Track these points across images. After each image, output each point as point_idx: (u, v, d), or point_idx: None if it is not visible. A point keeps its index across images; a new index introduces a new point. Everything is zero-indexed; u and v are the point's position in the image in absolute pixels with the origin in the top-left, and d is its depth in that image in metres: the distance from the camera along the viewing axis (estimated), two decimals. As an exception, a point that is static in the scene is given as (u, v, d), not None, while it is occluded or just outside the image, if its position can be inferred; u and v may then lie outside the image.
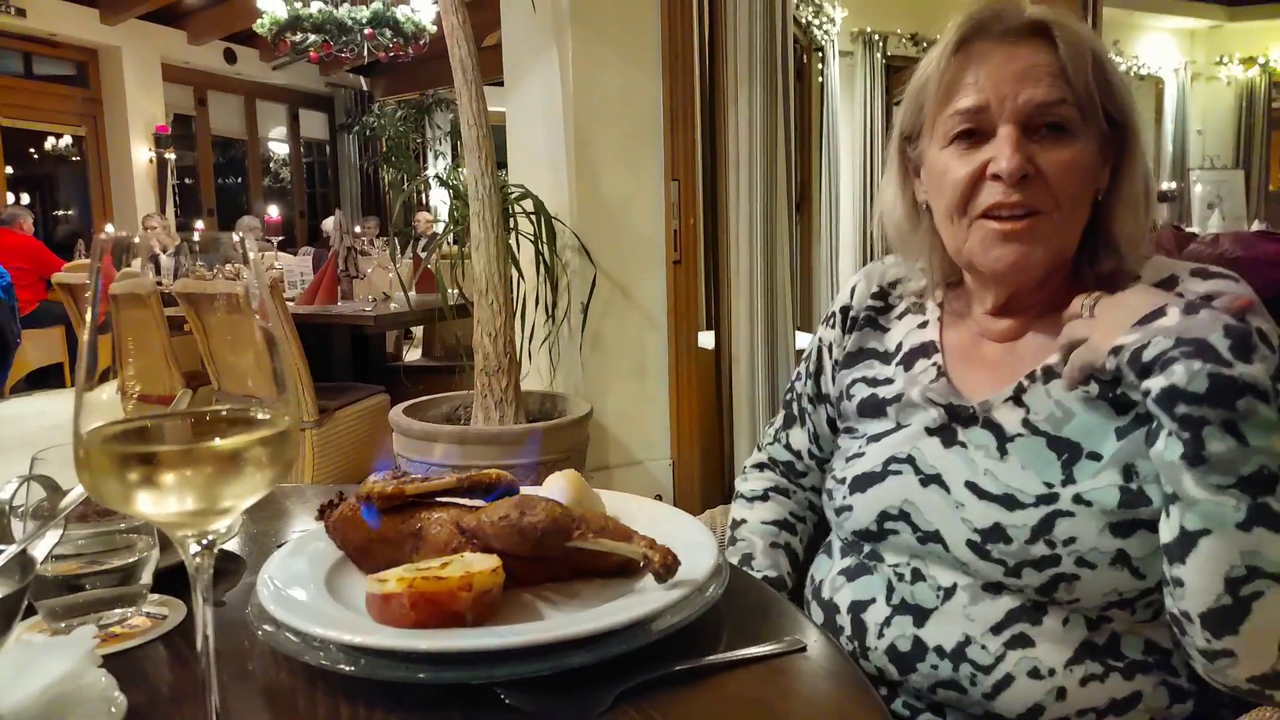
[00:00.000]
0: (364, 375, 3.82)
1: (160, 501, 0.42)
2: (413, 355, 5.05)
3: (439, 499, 0.75)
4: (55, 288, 3.59)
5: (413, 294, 3.94)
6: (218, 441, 0.43)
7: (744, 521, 1.10)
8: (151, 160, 8.13)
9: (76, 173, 8.25)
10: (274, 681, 0.64)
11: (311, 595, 0.68)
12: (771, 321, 3.01)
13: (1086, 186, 0.85)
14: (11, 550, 0.56)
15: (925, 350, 0.95)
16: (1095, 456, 0.80)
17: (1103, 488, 0.79)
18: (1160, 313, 0.74)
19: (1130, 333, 0.74)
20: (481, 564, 0.65)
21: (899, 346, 0.98)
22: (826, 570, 0.97)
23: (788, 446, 1.13)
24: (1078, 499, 0.79)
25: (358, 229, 4.12)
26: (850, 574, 0.92)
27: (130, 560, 0.71)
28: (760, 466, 1.16)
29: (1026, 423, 0.84)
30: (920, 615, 0.85)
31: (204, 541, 0.47)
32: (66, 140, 8.16)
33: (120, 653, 0.66)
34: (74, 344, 5.49)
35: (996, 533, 0.81)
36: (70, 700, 0.56)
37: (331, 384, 3.37)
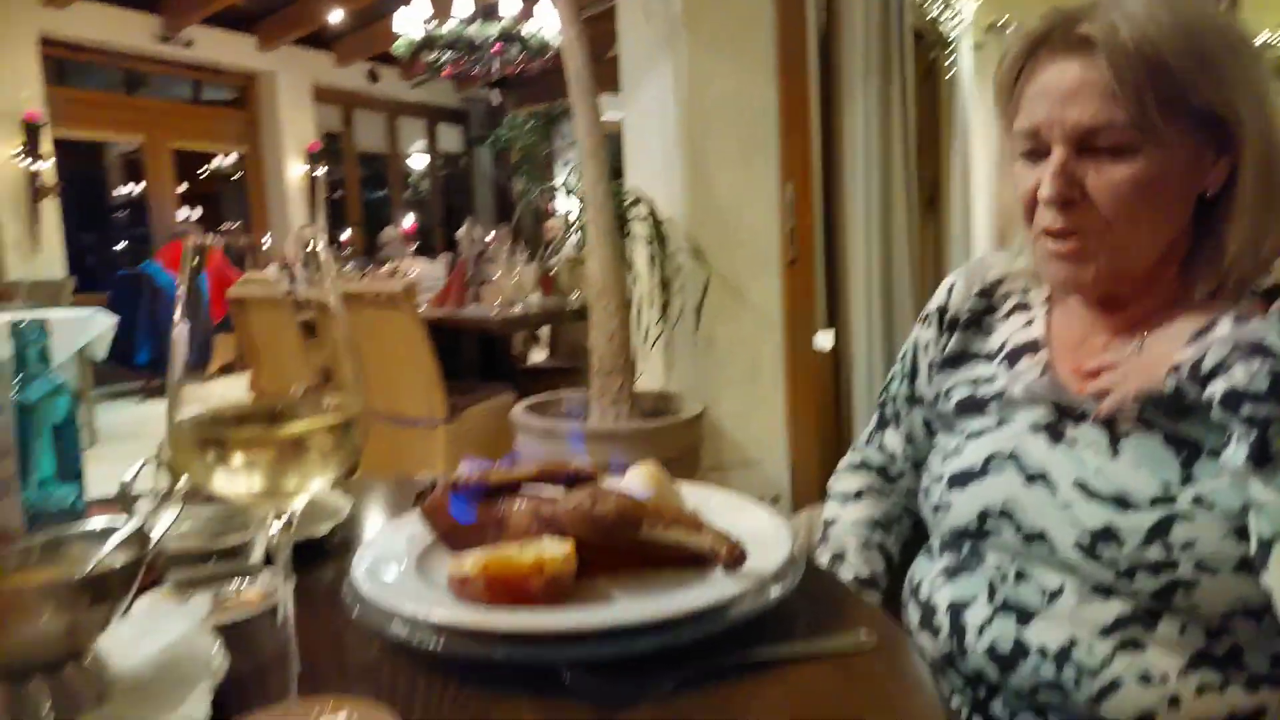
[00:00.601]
0: (492, 375, 3.97)
1: (234, 482, 0.47)
2: (539, 357, 5.19)
3: (522, 488, 0.78)
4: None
5: (537, 297, 4.07)
6: (279, 429, 0.47)
7: (835, 521, 1.09)
8: (304, 176, 8.71)
9: (238, 189, 8.93)
10: (362, 654, 0.69)
11: (402, 574, 0.72)
12: (890, 322, 2.94)
13: (1152, 202, 0.80)
14: (131, 525, 0.62)
15: (1031, 347, 0.92)
16: (1217, 454, 0.75)
17: (1225, 489, 0.74)
18: (1212, 325, 0.73)
19: (1185, 349, 0.72)
20: (555, 550, 0.68)
21: (1002, 345, 0.95)
22: (926, 570, 0.95)
23: (881, 449, 1.12)
24: (1197, 500, 0.75)
25: (489, 237, 4.29)
26: (950, 573, 0.90)
27: (245, 538, 0.77)
28: (854, 467, 1.14)
29: (1142, 418, 0.80)
30: (1024, 616, 0.82)
31: (283, 518, 0.51)
32: (230, 159, 8.85)
33: (230, 623, 0.72)
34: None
35: (1108, 534, 0.77)
36: (181, 660, 0.62)
37: (461, 383, 3.52)
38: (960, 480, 0.90)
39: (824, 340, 3.06)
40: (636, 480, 0.80)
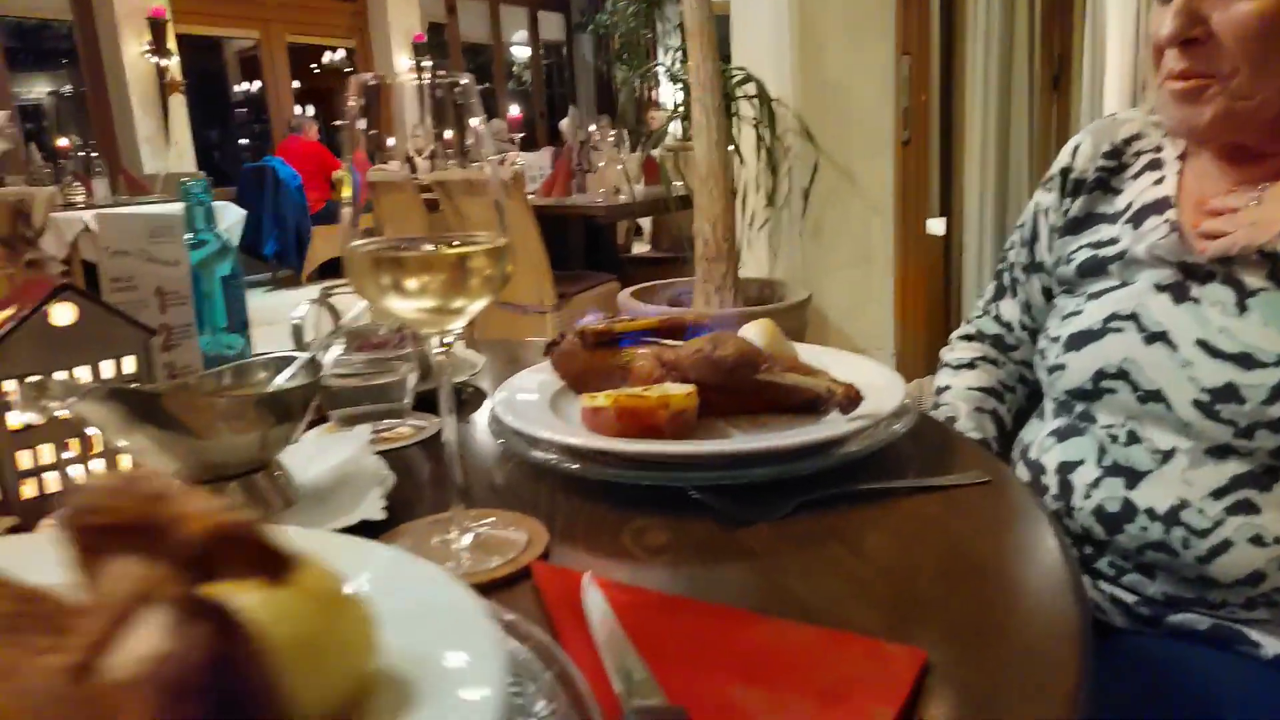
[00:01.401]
0: (597, 264, 4.03)
1: (404, 299, 0.52)
2: (641, 248, 5.22)
3: (644, 337, 0.82)
4: (337, 186, 4.07)
5: (640, 186, 4.06)
6: (447, 249, 0.52)
7: (948, 388, 1.10)
8: (411, 69, 8.78)
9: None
10: (504, 478, 0.76)
11: (539, 410, 0.79)
12: (1004, 208, 2.82)
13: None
14: (305, 355, 0.70)
15: (1159, 206, 0.89)
16: None
17: None
18: None
19: None
20: (678, 389, 0.72)
21: (1129, 205, 0.93)
22: (1036, 433, 0.96)
23: (997, 319, 1.11)
24: None
25: (591, 127, 4.28)
26: (1060, 435, 0.91)
27: (394, 379, 0.85)
28: (968, 338, 1.14)
29: (1273, 276, 0.78)
30: (1133, 477, 0.83)
31: (444, 340, 0.57)
32: (340, 54, 8.99)
33: (387, 451, 0.80)
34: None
35: (1228, 392, 0.77)
36: (352, 475, 0.70)
37: (568, 272, 3.60)
38: (1077, 341, 0.89)
39: (936, 226, 2.97)
40: (752, 333, 0.83)
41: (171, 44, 6.63)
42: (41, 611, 0.24)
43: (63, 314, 0.67)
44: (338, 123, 9.52)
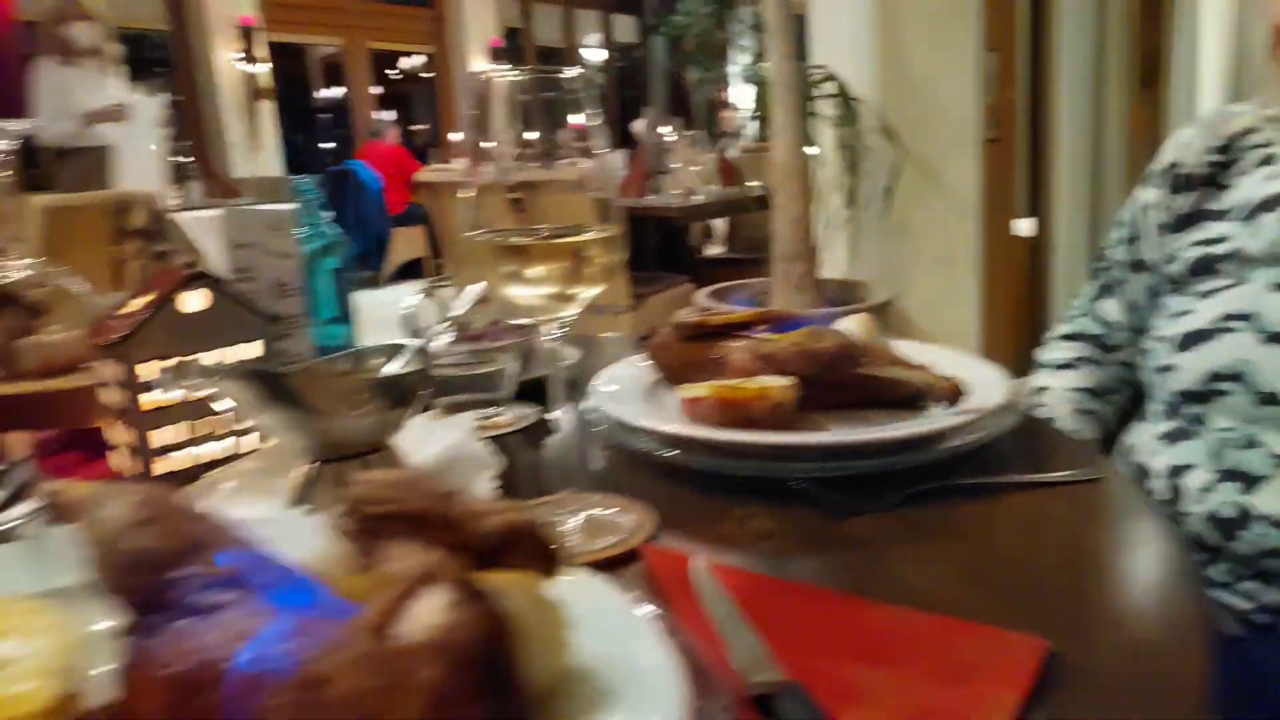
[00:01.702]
0: (671, 265, 4.04)
1: (525, 286, 0.54)
2: (714, 250, 5.21)
3: (739, 330, 0.83)
4: (419, 189, 4.17)
5: (714, 187, 4.06)
6: (561, 238, 0.53)
7: (1046, 388, 1.08)
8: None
9: (427, 89, 9.31)
10: (605, 465, 0.77)
11: (637, 400, 0.80)
12: (1098, 207, 2.74)
13: None
14: (418, 342, 0.72)
15: (1272, 203, 0.86)
16: None
17: None
18: None
19: None
20: (777, 381, 0.73)
21: (1242, 202, 0.89)
22: (1141, 435, 0.93)
23: (1098, 318, 1.08)
24: None
25: (665, 129, 4.30)
26: (1170, 437, 0.88)
27: (496, 369, 0.88)
28: (1066, 338, 1.12)
29: None
30: (1249, 482, 0.80)
31: (559, 327, 0.59)
32: (418, 59, 9.21)
33: (489, 438, 0.82)
34: (433, 240, 6.34)
35: None
36: (460, 459, 0.72)
37: (643, 273, 3.62)
38: (1188, 341, 0.87)
39: (1024, 226, 2.90)
40: (850, 327, 0.83)
41: (261, 51, 6.88)
42: (445, 511, 0.29)
43: (194, 301, 0.71)
44: (415, 127, 9.74)
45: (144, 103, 3.91)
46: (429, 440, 0.77)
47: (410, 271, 6.62)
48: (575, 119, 0.56)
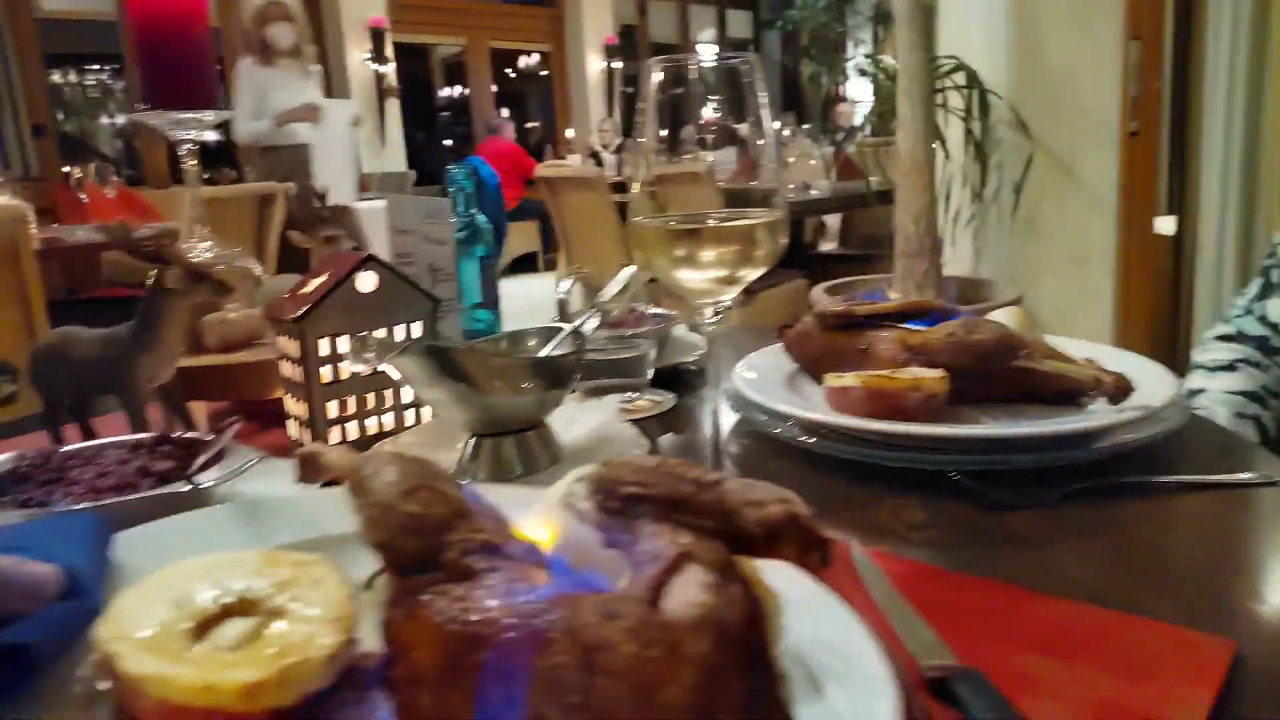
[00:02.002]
0: (784, 261, 4.00)
1: (692, 270, 0.55)
2: (827, 245, 5.13)
3: (885, 321, 0.82)
4: (536, 184, 4.26)
5: (829, 182, 4.00)
6: (728, 222, 0.54)
7: (1203, 390, 1.02)
8: (602, 70, 9.07)
9: (541, 86, 9.49)
10: (743, 453, 0.78)
11: (776, 388, 0.80)
12: (1251, 205, 2.56)
13: None
14: (571, 326, 0.75)
15: None
16: None
17: None
18: None
19: None
20: (930, 372, 0.72)
21: None
22: None
23: (1263, 319, 1.02)
24: None
25: (776, 123, 4.26)
26: None
27: (637, 355, 0.89)
28: (1225, 338, 1.06)
29: None
30: None
31: (717, 311, 0.59)
32: (534, 58, 9.40)
33: (630, 421, 0.84)
34: (546, 234, 6.47)
35: None
36: (608, 439, 0.74)
37: (755, 268, 3.59)
38: None
39: (1165, 224, 2.74)
40: (1004, 319, 0.81)
41: (389, 51, 7.17)
42: (700, 497, 0.31)
43: (366, 282, 0.76)
44: (529, 124, 9.93)
45: (339, 105, 4.03)
46: (577, 420, 0.79)
47: (525, 264, 6.77)
48: (748, 102, 0.57)
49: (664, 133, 0.56)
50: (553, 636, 0.30)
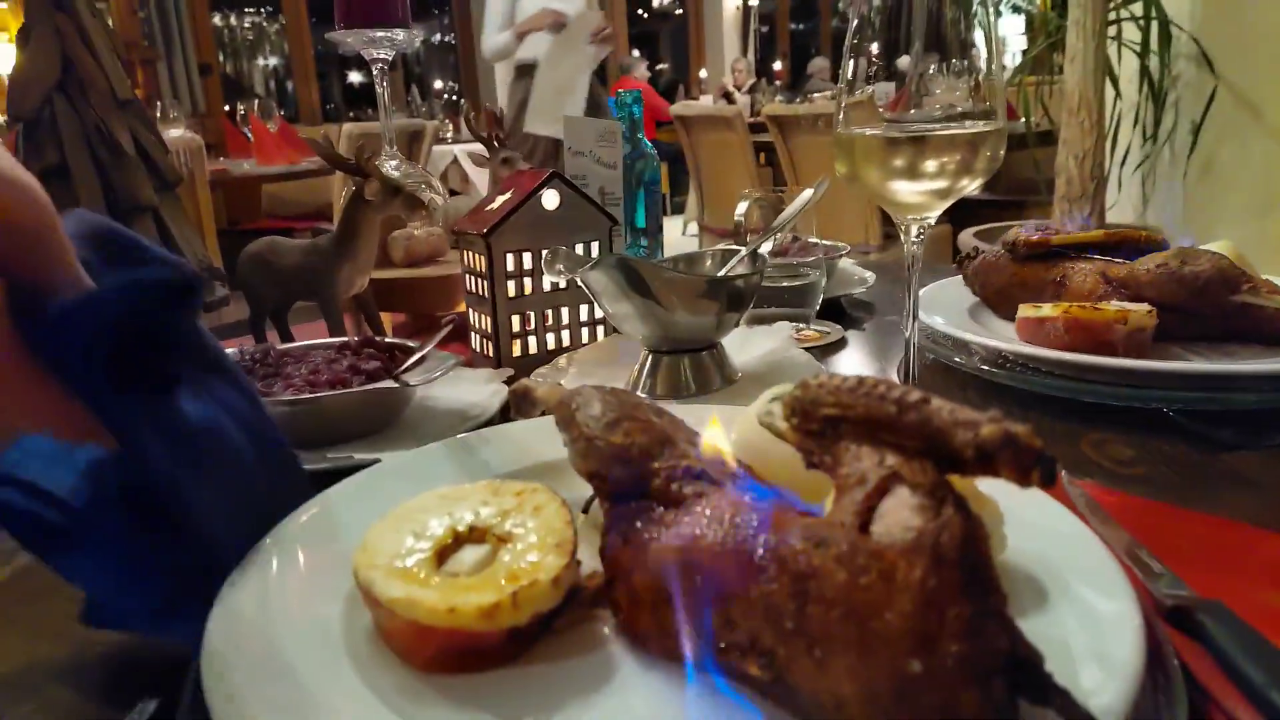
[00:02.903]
0: (925, 207, 3.85)
1: (901, 180, 0.53)
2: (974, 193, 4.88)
3: (1085, 252, 0.78)
4: (673, 123, 4.22)
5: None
6: (939, 130, 0.52)
7: None
8: (738, 8, 8.84)
9: (675, 27, 9.35)
10: (922, 386, 0.76)
11: (957, 320, 0.77)
12: None
13: None
14: (750, 247, 0.74)
15: None
16: None
17: None
18: None
19: None
20: (1136, 306, 0.67)
21: None
22: None
23: None
24: None
25: (929, 66, 4.04)
26: None
27: (804, 283, 0.88)
28: None
29: None
30: None
31: (922, 228, 0.57)
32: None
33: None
34: (674, 178, 6.43)
35: None
36: (782, 364, 0.74)
37: (894, 212, 3.46)
38: None
39: (1366, 170, 2.48)
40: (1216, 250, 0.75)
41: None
42: (906, 417, 0.30)
43: (550, 199, 0.77)
44: (660, 66, 9.83)
45: (584, 16, 3.40)
46: (750, 344, 0.79)
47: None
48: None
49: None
50: (763, 563, 0.30)
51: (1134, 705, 0.30)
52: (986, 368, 0.70)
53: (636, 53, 8.78)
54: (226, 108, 5.83)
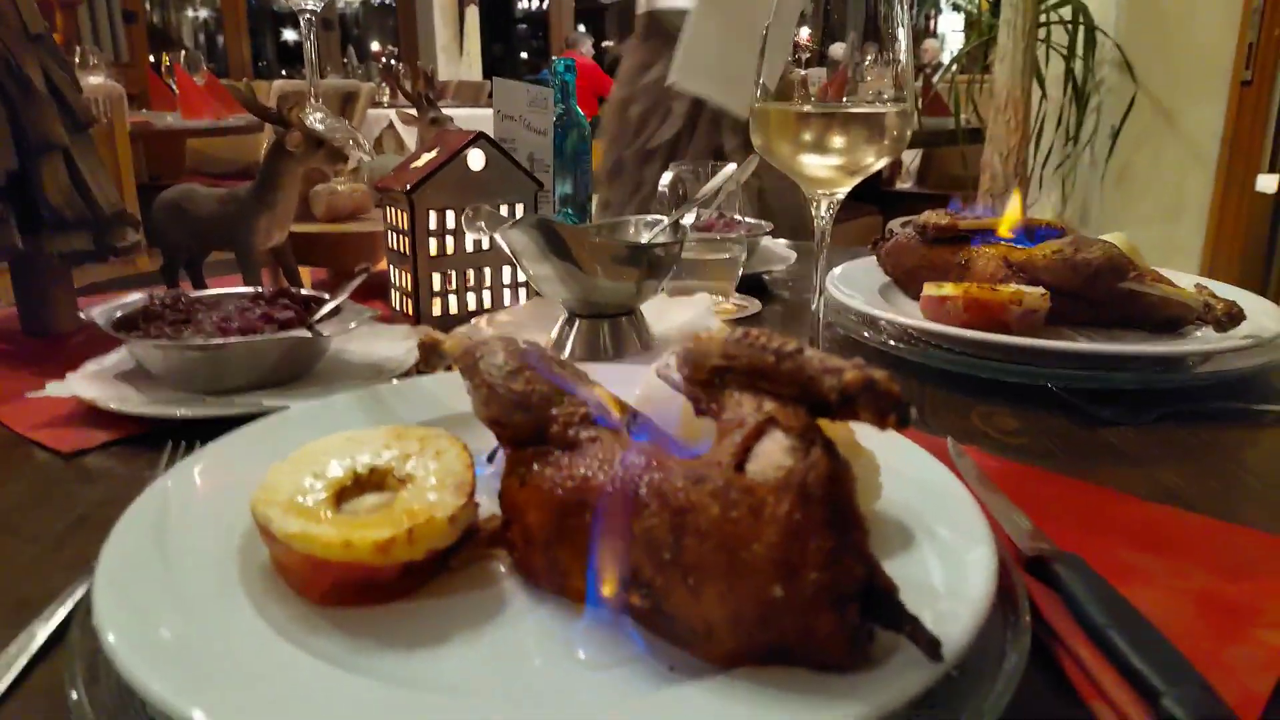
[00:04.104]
0: (859, 196, 3.93)
1: (809, 157, 0.55)
2: (904, 185, 5.00)
3: (988, 238, 0.81)
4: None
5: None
6: (847, 108, 0.54)
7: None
8: (682, -10, 8.82)
9: (622, 8, 9.30)
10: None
11: (867, 297, 0.80)
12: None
13: None
14: (671, 218, 0.75)
15: None
16: None
17: None
18: None
19: None
20: (1031, 289, 0.71)
21: None
22: None
23: None
24: None
25: (856, 55, 4.11)
26: None
27: (725, 257, 0.90)
28: None
29: None
30: None
31: (829, 205, 0.59)
32: (616, -26, 9.20)
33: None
34: (614, 154, 6.42)
35: None
36: (698, 330, 0.76)
37: (828, 201, 3.52)
38: None
39: (1267, 183, 2.62)
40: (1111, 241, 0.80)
41: (470, -41, 7.06)
42: (784, 366, 0.32)
43: (476, 159, 0.77)
44: (606, 44, 9.78)
45: None
46: (668, 313, 0.81)
47: (591, 185, 6.72)
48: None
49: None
50: (646, 500, 0.32)
51: (981, 636, 0.32)
52: (892, 343, 0.73)
53: (582, 28, 8.71)
54: (152, 59, 5.59)
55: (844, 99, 0.58)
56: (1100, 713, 0.34)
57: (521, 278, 0.82)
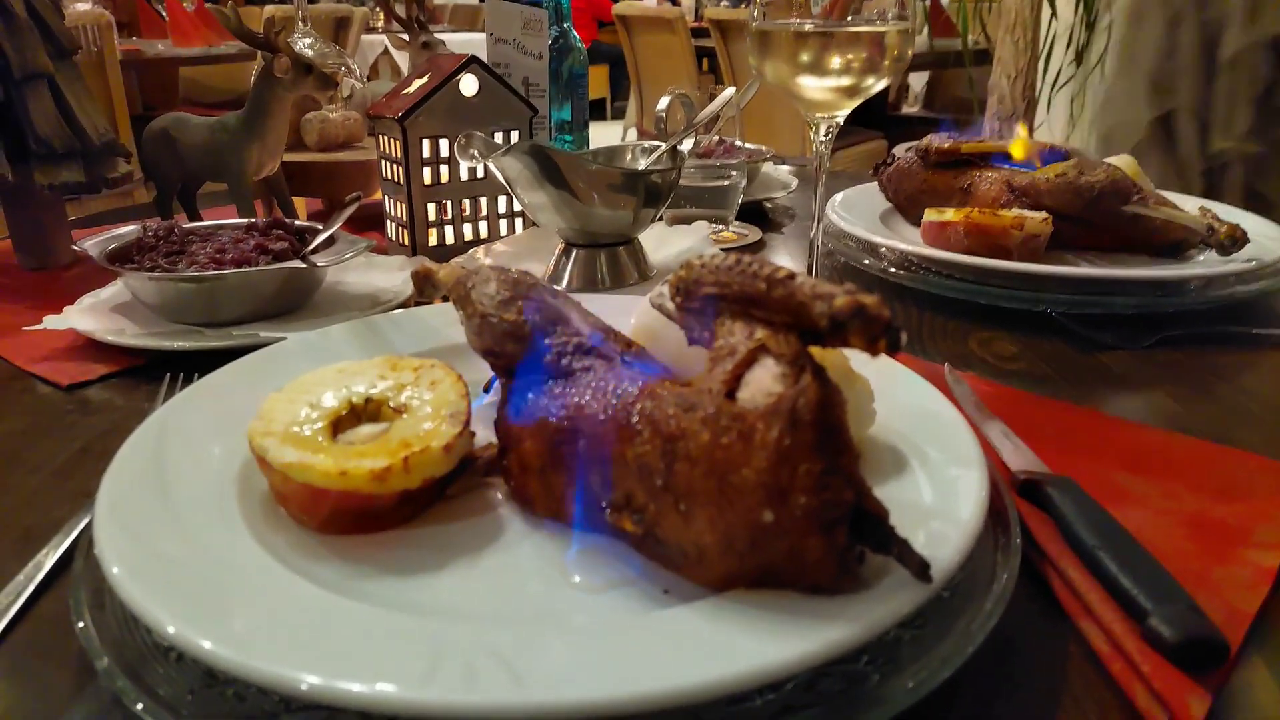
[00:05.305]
0: (864, 121, 3.85)
1: (810, 75, 0.54)
2: (910, 109, 4.90)
3: (992, 161, 0.80)
4: (616, 23, 4.09)
5: (923, 37, 3.77)
6: (847, 27, 0.52)
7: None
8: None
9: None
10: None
11: (868, 224, 0.79)
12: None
13: None
14: (669, 143, 0.74)
15: None
16: None
17: None
18: None
19: None
20: (1033, 214, 0.70)
21: None
22: None
23: None
24: None
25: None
26: None
27: (725, 184, 0.88)
28: None
29: None
30: None
31: (829, 129, 0.58)
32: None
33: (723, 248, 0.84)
34: (614, 81, 6.29)
35: None
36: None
37: (833, 126, 3.46)
38: None
39: (1281, 102, 2.56)
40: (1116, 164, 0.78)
41: (463, -127, 6.78)
42: (775, 292, 0.31)
43: (469, 85, 0.75)
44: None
45: None
46: (667, 242, 0.80)
47: (593, 111, 6.60)
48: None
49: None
50: (638, 427, 0.32)
51: (972, 558, 0.33)
52: (892, 270, 0.72)
53: (580, -53, 8.41)
54: (139, -16, 5.42)
55: (848, 18, 0.56)
56: (1089, 632, 0.34)
57: (519, 208, 0.81)
